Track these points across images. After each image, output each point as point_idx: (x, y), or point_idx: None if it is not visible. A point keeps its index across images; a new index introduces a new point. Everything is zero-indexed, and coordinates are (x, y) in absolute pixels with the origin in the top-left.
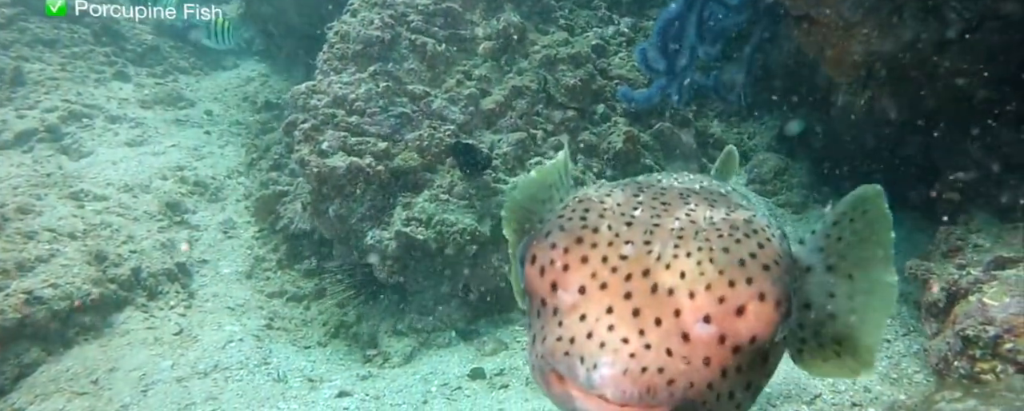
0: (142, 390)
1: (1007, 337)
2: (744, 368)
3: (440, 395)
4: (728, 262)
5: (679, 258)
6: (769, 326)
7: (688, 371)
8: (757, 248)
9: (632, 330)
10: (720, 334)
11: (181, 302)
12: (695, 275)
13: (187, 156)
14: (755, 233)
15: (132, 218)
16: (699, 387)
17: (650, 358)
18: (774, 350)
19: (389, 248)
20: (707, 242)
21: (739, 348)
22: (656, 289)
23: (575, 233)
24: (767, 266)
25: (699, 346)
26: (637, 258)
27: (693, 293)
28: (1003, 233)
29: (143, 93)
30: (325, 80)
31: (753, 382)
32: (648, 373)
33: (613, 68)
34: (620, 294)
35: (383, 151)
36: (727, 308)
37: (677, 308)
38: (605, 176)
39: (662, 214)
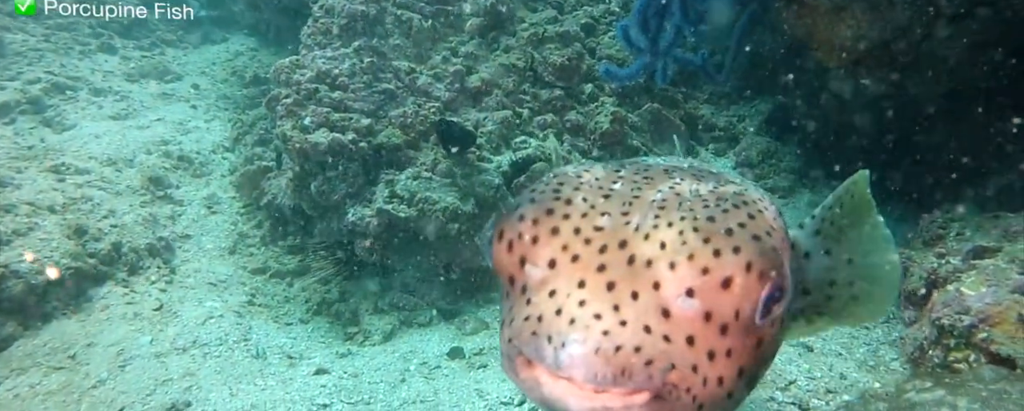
0: (119, 365)
1: (982, 326)
2: (735, 351)
3: (418, 374)
4: (713, 231)
5: (659, 228)
6: (757, 301)
7: (669, 351)
8: (747, 218)
9: (606, 305)
10: (705, 310)
11: (162, 277)
12: (677, 245)
13: (172, 130)
14: (745, 204)
15: (114, 192)
16: (682, 370)
17: (625, 336)
18: (770, 334)
19: (371, 226)
20: (691, 212)
21: (727, 327)
22: (633, 261)
23: (546, 205)
24: (757, 236)
25: (682, 323)
26: (613, 229)
27: (674, 264)
28: (984, 222)
29: (129, 66)
30: (309, 55)
31: (746, 369)
32: (623, 352)
33: (602, 47)
34: (593, 267)
35: (366, 128)
36: (712, 280)
37: (656, 281)
38: (591, 156)
39: (644, 186)
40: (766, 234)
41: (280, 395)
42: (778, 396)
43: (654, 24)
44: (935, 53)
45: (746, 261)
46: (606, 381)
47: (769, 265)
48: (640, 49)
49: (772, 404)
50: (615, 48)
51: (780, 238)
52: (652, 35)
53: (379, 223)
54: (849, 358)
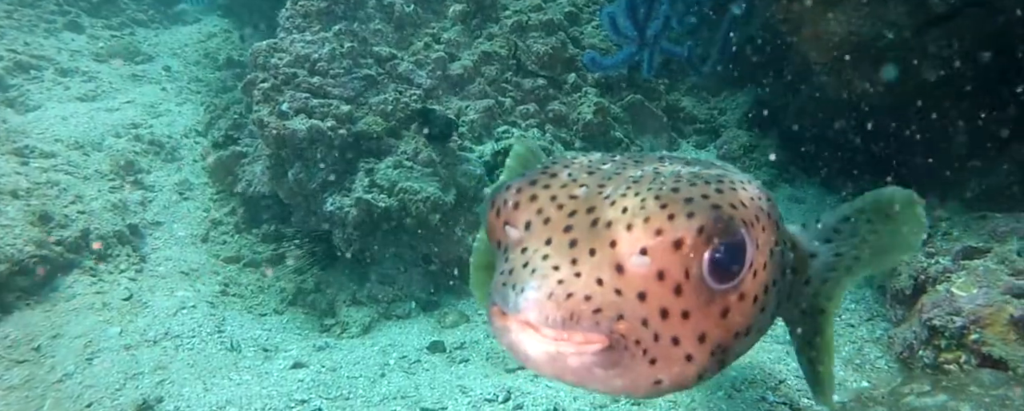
0: (87, 358)
1: (973, 328)
2: (693, 314)
3: (398, 368)
4: (673, 199)
5: (626, 197)
6: (706, 260)
7: (618, 303)
8: (713, 192)
9: (565, 259)
10: (658, 269)
11: (132, 266)
12: (636, 209)
13: (143, 113)
14: (719, 181)
15: (82, 177)
16: (632, 322)
17: (578, 285)
18: (739, 306)
19: (350, 215)
20: (661, 185)
21: (681, 287)
22: (596, 223)
23: (533, 178)
24: (717, 206)
25: (634, 279)
26: (587, 198)
27: (631, 225)
28: (972, 222)
29: (97, 45)
30: (287, 38)
31: (708, 335)
32: (573, 299)
33: (585, 37)
34: (561, 228)
35: (346, 114)
36: (664, 241)
37: (613, 240)
38: (573, 147)
39: (629, 167)
40: (729, 206)
41: (256, 390)
42: (769, 396)
43: (643, 13)
44: (924, 51)
45: (699, 225)
46: (556, 323)
47: (723, 230)
48: (627, 38)
49: (763, 404)
50: (599, 37)
51: (752, 215)
52: (640, 24)
53: (358, 213)
54: (835, 356)
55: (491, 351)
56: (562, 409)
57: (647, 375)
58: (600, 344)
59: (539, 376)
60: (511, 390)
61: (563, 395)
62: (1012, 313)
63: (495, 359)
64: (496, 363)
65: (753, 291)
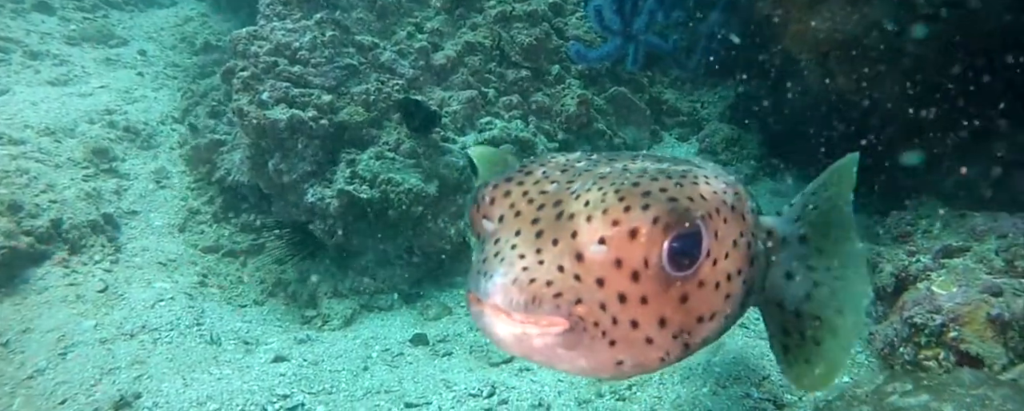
0: (60, 353)
1: (952, 325)
2: (652, 299)
3: (381, 361)
4: (631, 193)
5: (590, 191)
6: (661, 249)
7: (577, 288)
8: (673, 186)
9: (531, 249)
10: (615, 257)
11: (107, 257)
12: (596, 202)
13: (117, 99)
14: (682, 176)
15: (53, 165)
16: (590, 306)
17: (540, 272)
18: (698, 293)
19: (331, 207)
20: (624, 181)
21: (637, 274)
22: (561, 215)
23: (510, 175)
24: (674, 198)
25: (593, 266)
26: (556, 193)
27: (590, 217)
28: (951, 220)
29: (69, 28)
30: (267, 26)
31: (668, 319)
32: (536, 284)
33: (569, 28)
34: (529, 220)
35: (327, 104)
36: (621, 231)
37: (575, 230)
38: (556, 139)
39: (601, 164)
40: (686, 198)
41: (237, 385)
42: (754, 392)
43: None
44: (906, 50)
45: (653, 216)
46: (520, 307)
47: (677, 220)
48: (612, 31)
49: (748, 401)
50: (583, 29)
51: (712, 208)
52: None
53: (340, 204)
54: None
55: (474, 344)
56: (547, 404)
57: (608, 356)
58: (561, 326)
59: (523, 371)
60: (495, 384)
61: (548, 390)
62: (989, 311)
63: (478, 352)
64: (480, 357)
65: (713, 279)
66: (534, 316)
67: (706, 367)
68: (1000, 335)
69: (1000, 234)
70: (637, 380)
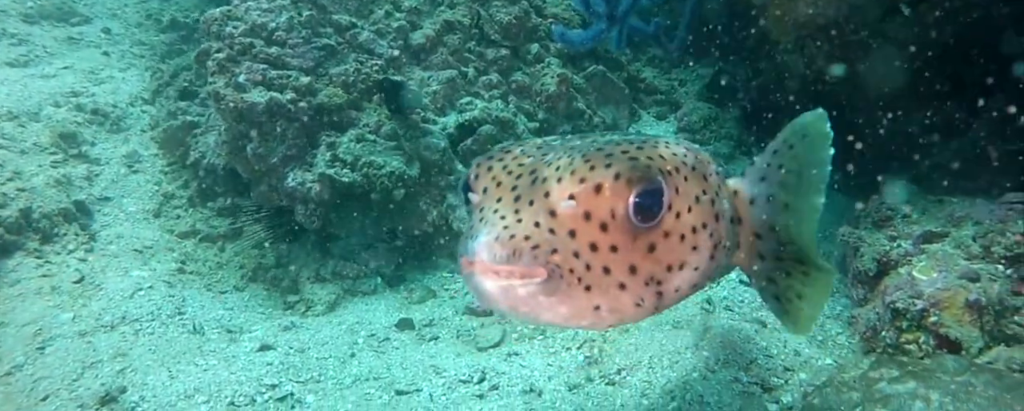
0: (38, 347)
1: (932, 310)
2: (621, 248)
3: (367, 347)
4: (595, 155)
5: (561, 158)
6: (627, 201)
7: (552, 240)
8: (635, 149)
9: (510, 211)
10: (584, 210)
11: (81, 245)
12: (566, 166)
13: (83, 80)
14: (643, 142)
15: (19, 151)
16: (565, 254)
17: (519, 228)
18: (664, 243)
19: (313, 191)
20: (590, 148)
21: (605, 225)
22: (536, 181)
23: (492, 154)
24: (634, 158)
25: (565, 219)
26: (531, 164)
27: (560, 178)
28: (929, 206)
29: (25, 5)
30: (242, 5)
31: (638, 267)
32: (515, 239)
33: (548, 6)
34: (509, 188)
35: (306, 86)
36: (587, 187)
37: (547, 191)
38: (537, 119)
39: (573, 140)
40: (646, 158)
41: (224, 375)
42: (742, 376)
43: None
44: (887, 35)
45: (615, 172)
46: (502, 260)
47: (638, 175)
48: (598, 15)
49: (737, 385)
50: (562, 6)
51: (672, 166)
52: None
53: (321, 188)
54: None
55: (461, 328)
56: (538, 389)
57: (585, 301)
58: (541, 277)
59: (512, 356)
60: (485, 370)
61: (537, 375)
62: (967, 297)
63: (465, 337)
64: (467, 341)
65: (678, 230)
66: (516, 267)
67: (694, 351)
68: (977, 319)
69: (977, 220)
70: (626, 364)
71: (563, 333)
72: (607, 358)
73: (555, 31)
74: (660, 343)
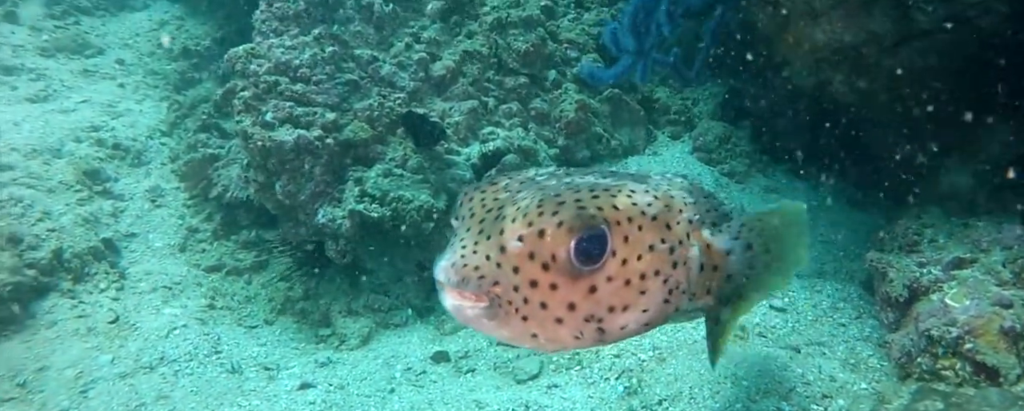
0: (81, 391)
1: (967, 338)
2: (561, 287)
3: (405, 381)
4: (549, 200)
5: (525, 200)
6: (565, 246)
7: (496, 272)
8: (588, 197)
9: (471, 241)
10: (528, 251)
11: (112, 284)
12: (523, 208)
13: (101, 113)
14: (605, 190)
15: (46, 190)
16: (506, 287)
17: (472, 258)
18: (606, 286)
19: (343, 227)
20: (552, 191)
21: (546, 265)
22: (498, 218)
23: (478, 185)
24: (583, 207)
25: (512, 257)
26: (503, 200)
27: (515, 219)
28: (955, 230)
29: (41, 39)
30: (264, 43)
31: (578, 305)
32: (466, 268)
33: (562, 31)
34: (478, 220)
35: (332, 122)
36: (533, 231)
37: (502, 229)
38: (556, 145)
39: (553, 178)
40: (596, 208)
41: None
42: (784, 406)
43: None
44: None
45: (558, 220)
46: (454, 284)
47: (579, 224)
48: (628, 52)
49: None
50: (576, 31)
51: (624, 217)
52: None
53: (351, 224)
54: (832, 357)
55: (497, 360)
56: None
57: (523, 328)
58: (483, 302)
59: (552, 388)
60: (528, 403)
61: (580, 407)
62: (1002, 324)
63: (503, 368)
64: (505, 373)
65: (623, 275)
66: (464, 292)
67: (734, 381)
68: (1012, 346)
69: (1005, 246)
70: (667, 395)
71: (599, 363)
72: (647, 388)
73: (584, 70)
74: (698, 373)
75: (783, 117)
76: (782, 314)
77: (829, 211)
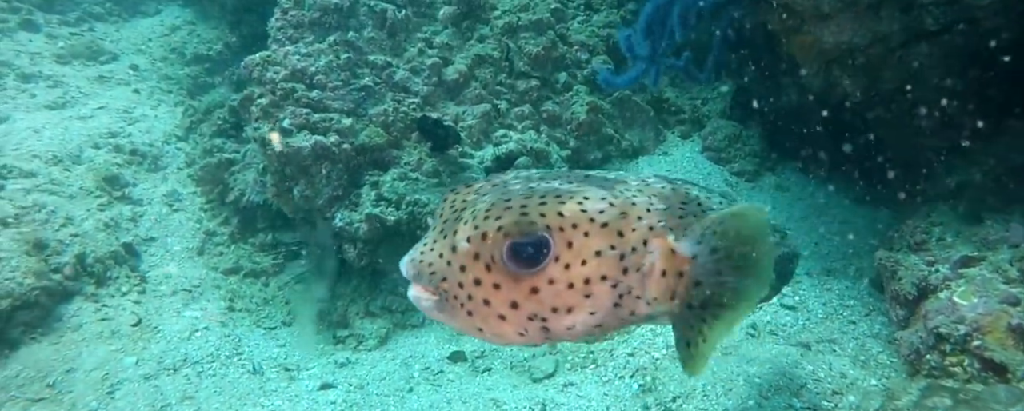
0: (107, 391)
1: (975, 335)
2: (504, 287)
3: (424, 381)
4: (496, 205)
5: (482, 204)
6: (502, 249)
7: (446, 269)
8: (535, 203)
9: (433, 240)
10: (474, 252)
11: (133, 288)
12: (476, 212)
13: (118, 119)
14: (556, 196)
15: (67, 196)
16: (452, 283)
17: (429, 255)
18: (548, 288)
19: (360, 231)
20: (504, 197)
21: (489, 266)
22: (458, 220)
23: (457, 188)
24: (525, 213)
25: (460, 256)
26: (469, 203)
27: (467, 222)
28: (963, 229)
29: (57, 46)
30: (280, 50)
31: (520, 304)
32: (422, 263)
33: (572, 34)
34: (444, 221)
35: (347, 128)
36: (478, 233)
37: (457, 230)
38: (568, 147)
39: (522, 184)
40: (539, 214)
41: None
42: (795, 403)
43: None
44: (909, 61)
45: (499, 225)
46: (412, 277)
47: (516, 230)
48: (641, 57)
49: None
50: (585, 34)
51: (568, 223)
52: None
53: (369, 228)
54: (843, 354)
55: (512, 359)
56: None
57: (468, 322)
58: (433, 296)
59: (567, 387)
60: (545, 402)
61: (595, 405)
62: (1009, 321)
63: (519, 367)
64: (521, 372)
65: (565, 279)
66: (419, 286)
67: (747, 378)
68: (1020, 343)
69: (1013, 244)
70: (681, 392)
71: (614, 362)
72: (661, 386)
73: (600, 77)
74: (712, 370)
75: (792, 117)
76: (792, 312)
77: (838, 209)
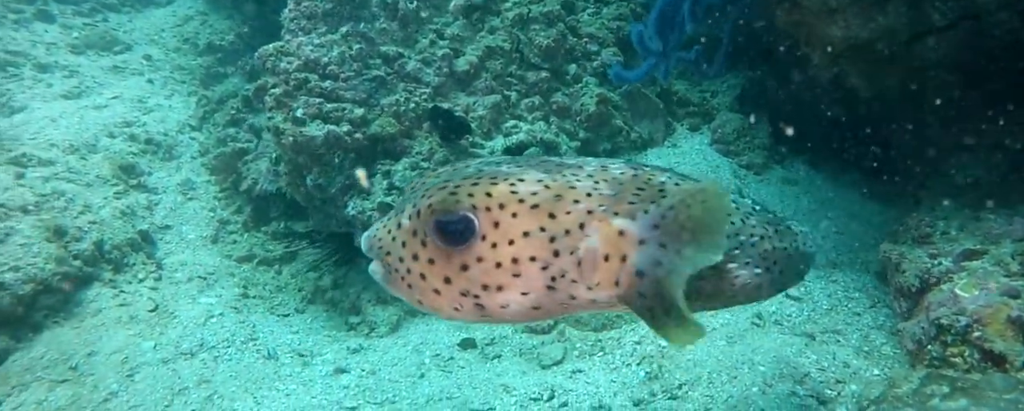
0: (127, 374)
1: (976, 326)
2: (437, 262)
3: (435, 367)
4: (436, 184)
5: (431, 183)
6: (429, 226)
7: (390, 245)
8: (469, 183)
9: (388, 217)
10: (412, 228)
11: (149, 274)
12: (421, 190)
13: (133, 109)
14: (492, 177)
15: (85, 184)
16: (394, 257)
17: (380, 231)
18: (477, 266)
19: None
20: (448, 178)
21: (424, 242)
22: (409, 200)
23: (425, 172)
24: (454, 193)
25: (403, 233)
26: (426, 183)
27: (411, 201)
28: (967, 222)
29: (72, 36)
30: (293, 41)
31: (453, 280)
32: (373, 238)
33: (582, 26)
34: (403, 200)
35: (360, 118)
36: (415, 210)
37: (403, 208)
38: (577, 138)
39: (475, 168)
40: (467, 194)
41: (306, 400)
42: (798, 390)
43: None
44: (916, 55)
45: (428, 202)
46: (367, 250)
47: (440, 208)
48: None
49: (794, 398)
50: (595, 26)
51: (496, 203)
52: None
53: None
54: (846, 344)
55: (522, 346)
56: (606, 406)
57: (409, 294)
58: (381, 270)
59: (576, 373)
60: (553, 387)
61: (603, 390)
62: (1009, 313)
63: (528, 354)
64: (530, 359)
65: (493, 258)
66: (376, 261)
67: (751, 366)
68: (1019, 334)
69: (1015, 238)
70: (687, 379)
71: (621, 349)
72: (667, 373)
73: (612, 73)
74: (717, 358)
75: (800, 110)
76: (798, 303)
77: (845, 203)
